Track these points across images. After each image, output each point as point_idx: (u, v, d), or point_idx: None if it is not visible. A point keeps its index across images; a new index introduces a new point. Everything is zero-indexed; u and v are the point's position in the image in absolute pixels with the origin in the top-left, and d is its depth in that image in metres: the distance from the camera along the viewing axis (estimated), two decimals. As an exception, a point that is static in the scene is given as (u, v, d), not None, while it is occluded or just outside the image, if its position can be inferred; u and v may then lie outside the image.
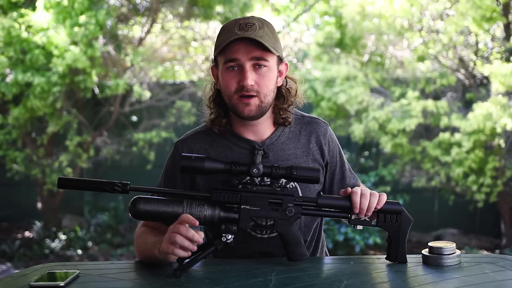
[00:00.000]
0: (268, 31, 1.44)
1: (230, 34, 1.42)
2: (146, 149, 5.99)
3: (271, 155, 1.53)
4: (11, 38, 4.91)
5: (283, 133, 1.56)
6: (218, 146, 1.54)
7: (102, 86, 5.59)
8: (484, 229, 6.10)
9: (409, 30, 5.87)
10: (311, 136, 1.58)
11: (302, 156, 1.56)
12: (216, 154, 1.53)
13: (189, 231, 1.28)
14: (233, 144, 1.54)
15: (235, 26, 1.42)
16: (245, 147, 1.53)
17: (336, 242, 5.37)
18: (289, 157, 1.54)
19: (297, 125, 1.59)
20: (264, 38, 1.41)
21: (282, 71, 1.52)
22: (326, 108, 5.67)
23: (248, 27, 1.41)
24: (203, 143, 1.55)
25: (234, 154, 1.53)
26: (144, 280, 1.31)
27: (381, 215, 1.41)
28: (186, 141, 1.57)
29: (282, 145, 1.55)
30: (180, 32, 6.48)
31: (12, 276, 1.36)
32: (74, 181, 1.38)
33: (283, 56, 1.51)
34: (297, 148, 1.56)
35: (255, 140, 1.53)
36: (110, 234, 6.07)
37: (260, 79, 1.44)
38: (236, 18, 1.48)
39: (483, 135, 4.97)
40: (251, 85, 1.42)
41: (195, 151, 1.54)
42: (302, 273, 1.32)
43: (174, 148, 1.58)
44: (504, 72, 4.74)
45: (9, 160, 5.66)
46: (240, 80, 1.43)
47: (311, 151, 1.57)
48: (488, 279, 1.27)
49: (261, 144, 1.53)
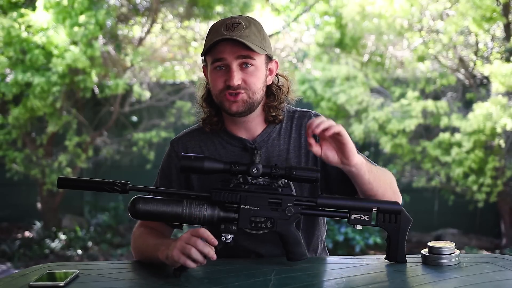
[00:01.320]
0: (255, 30, 1.45)
1: (217, 34, 1.43)
2: (146, 149, 5.99)
3: (263, 151, 1.53)
4: (11, 38, 4.91)
5: (274, 129, 1.57)
6: (212, 144, 1.56)
7: (102, 86, 5.59)
8: (484, 229, 6.10)
9: (409, 30, 5.87)
10: (302, 129, 1.57)
11: (294, 151, 1.55)
12: (209, 152, 1.55)
13: (206, 247, 1.28)
14: (226, 142, 1.55)
15: (222, 26, 1.44)
16: (237, 145, 1.54)
17: (336, 242, 5.37)
18: (281, 152, 1.55)
19: (289, 121, 1.59)
20: (250, 37, 1.42)
21: (272, 69, 1.53)
22: (326, 108, 5.67)
23: (234, 27, 1.42)
24: (198, 141, 1.57)
25: (227, 152, 1.54)
26: (144, 280, 1.31)
27: (380, 215, 1.41)
28: (181, 139, 1.60)
29: (273, 142, 1.55)
30: (180, 32, 6.48)
31: (12, 276, 1.36)
32: (74, 181, 1.39)
33: (272, 55, 1.52)
34: (288, 143, 1.56)
35: (246, 138, 1.54)
36: (110, 234, 6.07)
37: (248, 77, 1.45)
38: (224, 18, 1.49)
39: (483, 135, 4.97)
40: (238, 84, 1.43)
41: (189, 149, 1.56)
42: (301, 273, 1.32)
43: (170, 146, 1.61)
44: (504, 72, 4.74)
45: (9, 160, 5.66)
46: (227, 80, 1.44)
47: (302, 145, 1.56)
48: (488, 279, 1.27)
49: (252, 142, 1.54)
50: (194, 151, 1.55)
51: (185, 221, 1.35)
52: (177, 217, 1.34)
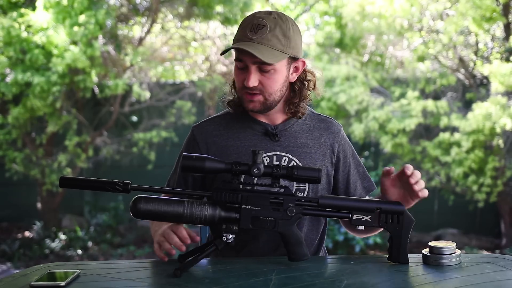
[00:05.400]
0: (279, 32, 1.45)
1: (242, 34, 1.46)
2: (146, 149, 5.98)
3: (283, 139, 1.57)
4: (11, 38, 4.90)
5: (297, 123, 1.60)
6: (233, 127, 1.59)
7: (101, 86, 5.59)
8: (484, 229, 6.10)
9: (409, 30, 5.87)
10: (324, 132, 1.61)
11: (314, 147, 1.59)
12: (229, 135, 1.57)
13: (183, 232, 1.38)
14: (247, 126, 1.58)
15: (249, 26, 1.45)
16: (258, 129, 1.57)
17: (336, 242, 5.37)
18: (301, 145, 1.57)
19: (312, 120, 1.63)
20: (271, 41, 1.43)
21: (299, 67, 1.54)
22: (326, 108, 5.67)
23: (258, 29, 1.44)
24: (218, 125, 1.60)
25: (247, 136, 1.57)
26: (145, 280, 1.31)
27: (382, 215, 1.41)
28: (201, 124, 1.63)
29: (295, 133, 1.59)
30: (180, 32, 6.47)
31: (12, 276, 1.36)
32: (76, 181, 1.39)
33: (298, 54, 1.51)
34: (309, 139, 1.59)
35: (268, 123, 1.57)
36: (110, 234, 6.07)
37: (265, 80, 1.47)
38: (255, 13, 1.50)
39: (482, 135, 4.97)
40: (254, 86, 1.46)
41: (209, 132, 1.59)
42: (302, 273, 1.32)
43: (190, 132, 1.64)
44: (504, 71, 4.74)
45: (9, 160, 5.65)
46: (244, 80, 1.47)
47: (322, 145, 1.60)
48: (489, 279, 1.27)
49: (274, 127, 1.56)
50: (214, 134, 1.58)
51: (187, 220, 1.35)
52: (178, 217, 1.34)
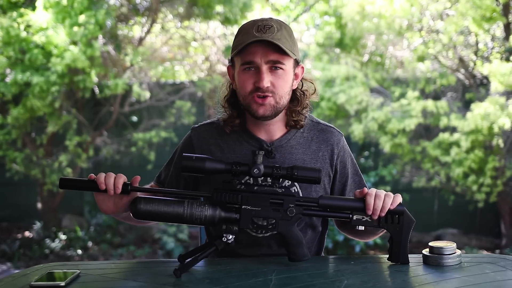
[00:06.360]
0: (286, 34, 1.45)
1: (248, 35, 1.43)
2: (146, 149, 5.98)
3: (278, 156, 1.54)
4: (10, 38, 4.90)
5: (294, 137, 1.57)
6: (229, 139, 1.57)
7: (101, 86, 5.58)
8: (484, 229, 6.10)
9: (409, 30, 5.87)
10: (323, 144, 1.58)
11: (311, 162, 1.56)
12: (225, 146, 1.56)
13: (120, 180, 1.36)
14: (243, 140, 1.56)
15: (253, 28, 1.43)
16: (254, 144, 1.55)
17: (336, 242, 5.37)
18: (297, 161, 1.55)
19: (310, 131, 1.59)
20: (281, 41, 1.42)
21: (298, 74, 1.54)
22: (325, 108, 5.66)
23: (266, 29, 1.42)
24: (216, 134, 1.59)
25: (242, 150, 1.55)
26: (145, 280, 1.31)
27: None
28: (201, 128, 1.62)
29: (291, 149, 1.56)
30: (180, 32, 6.47)
31: (13, 276, 1.36)
32: (75, 181, 1.39)
33: (299, 59, 1.52)
34: (305, 154, 1.56)
35: (264, 140, 1.55)
36: (110, 234, 6.07)
37: (276, 80, 1.45)
38: (255, 19, 1.48)
39: (481, 135, 4.96)
40: (267, 86, 1.43)
41: (206, 139, 1.58)
42: (302, 273, 1.32)
43: (189, 132, 1.64)
44: (503, 71, 4.74)
45: (9, 160, 5.65)
46: (256, 81, 1.44)
47: (319, 159, 1.57)
48: (489, 279, 1.27)
49: (269, 144, 1.54)
50: (210, 142, 1.57)
51: (187, 221, 1.35)
52: (178, 217, 1.34)
